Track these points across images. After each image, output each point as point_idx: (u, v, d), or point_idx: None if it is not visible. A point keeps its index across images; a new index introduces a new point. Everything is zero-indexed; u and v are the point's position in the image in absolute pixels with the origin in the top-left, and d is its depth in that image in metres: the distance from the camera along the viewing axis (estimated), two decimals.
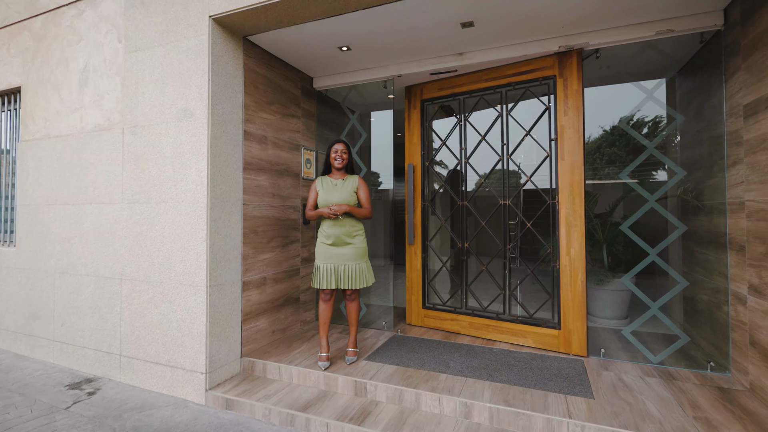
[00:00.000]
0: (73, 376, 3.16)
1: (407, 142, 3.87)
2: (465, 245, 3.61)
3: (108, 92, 3.13)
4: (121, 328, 3.06)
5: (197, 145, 2.76)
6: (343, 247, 2.94)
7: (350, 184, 3.01)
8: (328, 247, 2.94)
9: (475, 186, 3.63)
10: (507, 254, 3.39)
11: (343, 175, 3.05)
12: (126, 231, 3.04)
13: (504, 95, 3.41)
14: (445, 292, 3.83)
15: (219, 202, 2.82)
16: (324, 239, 2.96)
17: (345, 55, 3.39)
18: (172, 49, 2.87)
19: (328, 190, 2.98)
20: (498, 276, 3.48)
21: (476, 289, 3.65)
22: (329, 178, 3.03)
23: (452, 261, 3.83)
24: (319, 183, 3.02)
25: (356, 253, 2.97)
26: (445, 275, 3.90)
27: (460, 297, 3.66)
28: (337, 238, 2.94)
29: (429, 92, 3.77)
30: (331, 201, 2.95)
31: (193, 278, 2.77)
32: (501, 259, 3.44)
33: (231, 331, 2.94)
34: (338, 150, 2.99)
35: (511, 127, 3.38)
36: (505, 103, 3.40)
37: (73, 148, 3.30)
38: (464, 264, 3.62)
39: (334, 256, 2.93)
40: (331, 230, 2.95)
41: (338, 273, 2.92)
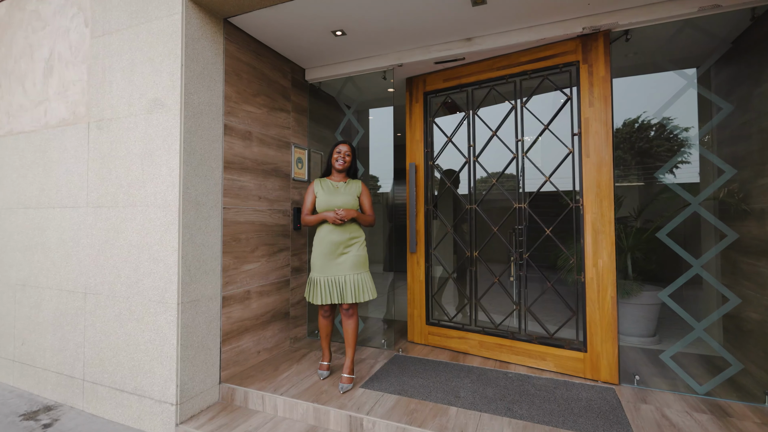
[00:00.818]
0: (32, 403, 2.78)
1: (408, 139, 3.49)
2: (474, 254, 3.22)
3: (74, 82, 2.79)
4: (84, 349, 2.69)
5: (168, 141, 2.40)
6: (343, 257, 2.63)
7: (353, 188, 2.73)
8: (326, 256, 2.61)
9: (476, 187, 3.25)
10: (524, 265, 3.00)
11: (344, 178, 2.78)
12: (91, 238, 2.68)
13: (518, 85, 3.04)
14: (452, 307, 3.44)
15: (193, 206, 2.45)
16: (321, 248, 2.63)
17: (339, 42, 3.03)
18: (142, 31, 2.52)
19: (329, 192, 2.68)
20: (512, 289, 3.09)
21: (487, 304, 3.26)
22: (329, 181, 2.75)
23: (459, 272, 3.44)
24: (317, 185, 2.72)
25: (357, 261, 2.63)
26: (451, 288, 3.51)
27: (468, 312, 3.27)
28: (337, 246, 2.62)
29: (433, 83, 3.40)
30: (333, 204, 2.63)
31: (162, 294, 2.40)
32: (515, 269, 3.05)
33: (208, 353, 2.56)
34: (342, 151, 2.74)
35: (527, 121, 3.01)
36: (520, 95, 3.03)
37: (36, 145, 2.96)
38: (473, 275, 3.23)
39: (334, 267, 2.61)
40: (331, 237, 2.62)
41: (338, 285, 2.59)
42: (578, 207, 2.77)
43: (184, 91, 2.38)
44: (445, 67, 3.30)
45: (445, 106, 3.66)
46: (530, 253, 3.00)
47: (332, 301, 2.59)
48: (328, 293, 2.58)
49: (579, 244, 2.76)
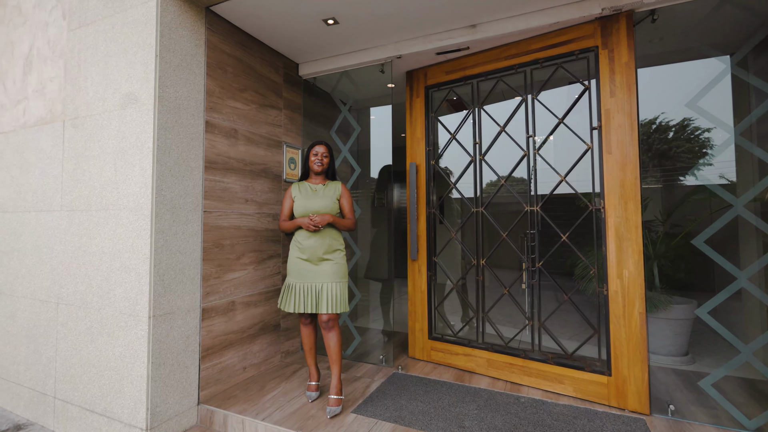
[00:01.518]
0: (2, 421, 2.59)
1: (409, 137, 3.23)
2: (481, 262, 2.92)
3: (51, 79, 2.63)
4: (56, 364, 2.49)
5: (142, 138, 2.20)
6: (321, 264, 2.44)
7: (332, 190, 2.55)
8: (303, 262, 2.44)
9: (483, 189, 2.96)
10: (537, 273, 2.68)
11: (323, 180, 2.61)
12: (64, 244, 2.49)
13: (529, 75, 2.75)
14: (457, 320, 3.14)
15: (169, 209, 2.23)
16: (298, 253, 2.46)
17: (332, 32, 2.80)
18: (118, 21, 2.34)
19: (306, 196, 2.51)
20: (524, 301, 2.78)
21: (496, 317, 2.95)
22: (307, 184, 2.58)
23: (464, 281, 3.14)
24: (295, 189, 2.58)
25: (336, 271, 2.44)
26: (456, 299, 3.21)
27: (475, 327, 2.96)
28: (315, 252, 2.43)
29: (435, 76, 3.14)
30: (310, 209, 2.45)
31: (133, 305, 2.18)
32: (527, 277, 2.74)
33: (184, 372, 2.32)
34: (319, 152, 2.59)
35: (539, 116, 2.71)
36: (531, 86, 2.74)
37: (14, 146, 2.81)
38: (480, 285, 2.93)
39: (311, 274, 2.42)
40: (308, 243, 2.44)
41: (314, 294, 2.40)
42: (599, 210, 2.45)
43: (158, 84, 2.18)
44: (447, 58, 3.03)
45: (449, 104, 3.40)
46: (544, 261, 2.69)
47: (306, 310, 2.39)
48: (303, 301, 2.40)
49: (600, 251, 2.44)
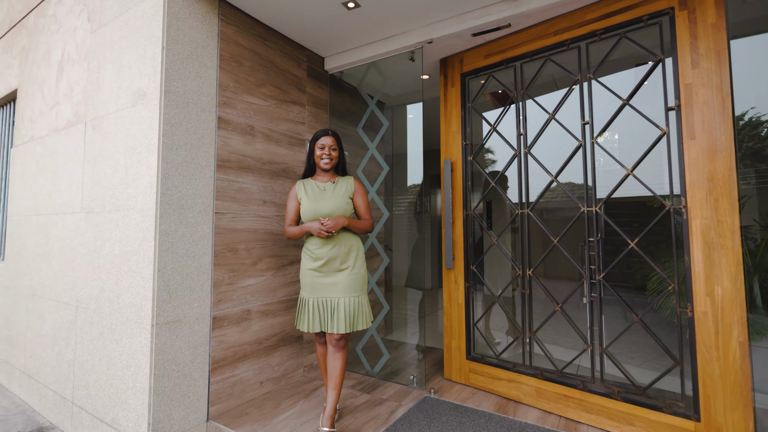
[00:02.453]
0: (28, 423, 2.60)
1: (443, 130, 2.89)
2: (528, 272, 2.50)
3: (77, 82, 2.63)
4: (74, 369, 2.45)
5: (149, 135, 2.09)
6: (337, 274, 2.15)
7: (343, 188, 2.23)
8: (316, 274, 2.16)
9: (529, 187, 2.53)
10: (598, 287, 2.22)
11: (332, 176, 2.29)
12: (83, 247, 2.45)
13: (584, 51, 2.32)
14: (500, 339, 2.72)
15: (175, 210, 2.09)
16: (310, 263, 2.19)
17: (355, 18, 2.56)
18: (131, 17, 2.27)
19: (314, 197, 2.20)
20: (580, 320, 2.32)
21: (549, 336, 2.50)
22: (314, 182, 2.28)
23: (509, 294, 2.72)
24: (300, 188, 2.28)
25: (354, 281, 2.14)
26: (499, 314, 2.80)
27: (521, 348, 2.53)
28: (329, 262, 2.15)
29: (471, 62, 2.78)
30: (320, 211, 2.16)
31: (138, 312, 2.06)
32: (587, 291, 2.28)
33: (192, 385, 2.15)
34: (326, 145, 2.24)
35: (597, 97, 2.27)
36: (587, 63, 2.30)
37: (48, 149, 2.86)
38: (527, 300, 2.50)
39: (326, 287, 2.14)
40: (321, 251, 2.16)
41: (329, 310, 2.11)
42: (678, 210, 1.96)
43: (164, 77, 2.06)
44: (485, 40, 2.67)
45: (493, 97, 3.02)
46: (607, 272, 2.22)
47: (321, 329, 2.13)
48: (318, 318, 2.13)
49: (681, 262, 1.95)
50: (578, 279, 2.32)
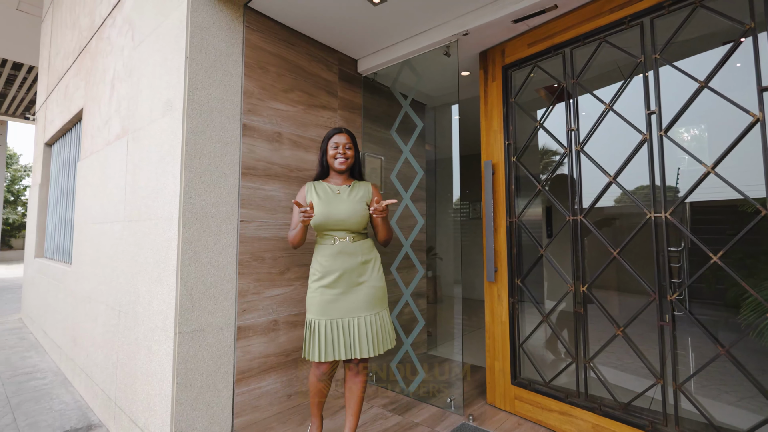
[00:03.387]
0: (81, 419, 2.79)
1: (483, 129, 2.66)
2: (581, 288, 2.18)
3: (124, 97, 2.80)
4: (117, 371, 2.58)
5: (174, 144, 2.13)
6: (355, 290, 1.94)
7: (360, 192, 2.05)
8: (330, 292, 1.93)
9: (582, 189, 2.21)
10: (670, 310, 1.87)
11: (347, 179, 2.13)
12: (124, 254, 2.58)
13: (648, 29, 1.98)
14: (550, 364, 2.42)
15: (198, 219, 2.11)
16: (322, 280, 1.95)
17: (383, 14, 2.44)
18: (162, 31, 2.35)
19: (328, 200, 2.01)
20: (648, 346, 1.97)
21: (605, 365, 2.17)
22: (326, 184, 2.09)
23: (559, 313, 2.41)
24: (310, 190, 2.07)
25: (373, 296, 1.96)
26: (548, 335, 2.49)
27: (575, 375, 2.22)
28: (346, 275, 1.94)
29: (514, 52, 2.53)
30: (336, 216, 1.98)
31: (164, 320, 2.10)
32: (652, 314, 1.93)
33: (215, 395, 2.15)
34: (340, 144, 2.06)
35: (666, 82, 1.92)
36: (652, 42, 1.97)
37: (101, 162, 3.08)
38: (581, 320, 2.19)
39: (342, 305, 1.92)
40: (336, 263, 1.95)
41: (348, 333, 1.90)
42: None
43: (187, 87, 2.09)
44: (529, 26, 2.41)
45: (548, 92, 2.73)
46: (688, 289, 1.85)
47: (338, 357, 1.88)
48: (334, 345, 1.87)
49: None
50: (636, 296, 1.97)
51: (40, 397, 3.12)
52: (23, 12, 6.96)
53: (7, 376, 3.52)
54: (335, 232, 1.99)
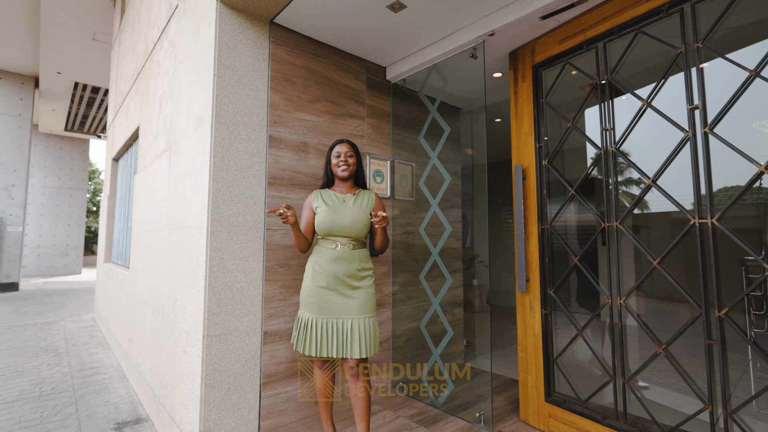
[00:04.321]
0: (131, 413, 3.03)
1: (514, 132, 2.57)
2: (619, 301, 2.03)
3: (168, 115, 3.05)
4: (160, 369, 2.78)
5: (203, 157, 2.28)
6: (349, 293, 2.04)
7: (364, 201, 2.17)
8: (325, 292, 2.05)
9: (617, 193, 2.05)
10: (718, 327, 1.69)
11: (351, 188, 2.25)
12: (167, 260, 2.79)
13: (688, 15, 1.82)
14: (586, 381, 2.26)
15: (225, 227, 2.23)
16: (318, 280, 2.07)
17: (405, 20, 2.45)
18: (196, 51, 2.53)
19: (333, 207, 2.12)
20: (695, 367, 1.79)
21: (649, 380, 2.00)
22: (332, 192, 2.21)
23: (595, 327, 2.25)
24: (316, 197, 2.19)
25: (367, 302, 2.05)
26: (584, 350, 2.33)
27: (613, 395, 2.06)
28: (342, 279, 2.05)
29: (544, 50, 2.43)
30: (338, 223, 2.08)
31: (195, 323, 2.24)
32: (698, 332, 1.75)
33: (242, 397, 2.25)
34: (341, 153, 2.19)
35: (711, 74, 1.75)
36: (694, 30, 1.80)
37: (151, 175, 3.36)
38: (619, 335, 2.03)
39: (335, 307, 2.03)
40: (334, 267, 2.06)
41: (341, 333, 2.00)
42: None
43: (215, 103, 2.23)
44: (559, 22, 2.30)
45: (597, 90, 2.59)
46: (733, 305, 1.67)
47: (329, 354, 2.00)
48: (326, 342, 2.00)
49: None
50: (685, 313, 1.79)
51: (100, 390, 3.44)
52: (98, 41, 7.81)
53: (76, 369, 3.92)
54: (338, 238, 2.09)
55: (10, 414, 2.82)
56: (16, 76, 9.90)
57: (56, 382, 3.49)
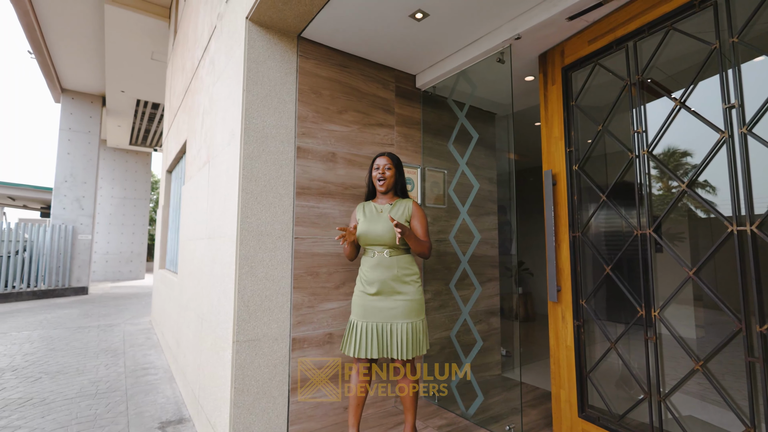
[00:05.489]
0: (175, 413, 3.28)
1: (544, 136, 2.53)
2: (653, 313, 1.95)
3: (209, 129, 3.30)
4: (200, 372, 2.99)
5: (234, 169, 2.46)
6: (391, 298, 2.19)
7: (400, 210, 2.31)
8: (369, 298, 2.22)
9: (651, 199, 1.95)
10: (761, 340, 1.59)
11: (390, 198, 2.42)
12: (206, 267, 3.01)
13: (722, 8, 1.74)
14: (622, 395, 2.17)
15: (254, 236, 2.39)
16: (362, 286, 2.29)
17: (429, 29, 2.51)
18: (229, 68, 2.74)
19: (370, 218, 2.31)
20: (737, 388, 1.68)
21: (690, 394, 1.89)
22: (373, 204, 2.42)
23: (627, 340, 2.16)
24: (359, 210, 2.43)
25: (409, 307, 2.17)
26: (618, 364, 2.24)
27: (648, 412, 1.97)
28: (383, 285, 2.20)
29: (574, 51, 2.38)
30: (373, 233, 2.25)
31: (226, 329, 2.41)
32: (741, 348, 1.64)
33: (271, 402, 2.39)
34: (380, 165, 2.37)
35: (748, 71, 1.66)
36: (729, 24, 1.72)
37: (195, 186, 3.64)
38: (653, 349, 1.94)
39: (378, 312, 2.19)
40: (374, 274, 2.23)
41: (382, 335, 2.16)
42: None
43: (244, 116, 2.41)
44: (588, 22, 2.25)
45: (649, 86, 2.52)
46: None
47: (369, 355, 2.15)
48: (368, 345, 2.16)
49: None
50: (725, 326, 1.68)
51: (149, 390, 3.75)
52: (156, 60, 8.53)
53: (130, 370, 4.29)
54: (375, 247, 2.28)
55: (69, 410, 3.15)
56: (85, 95, 11.02)
57: (111, 381, 3.84)
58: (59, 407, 3.20)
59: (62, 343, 5.31)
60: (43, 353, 4.76)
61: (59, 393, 3.51)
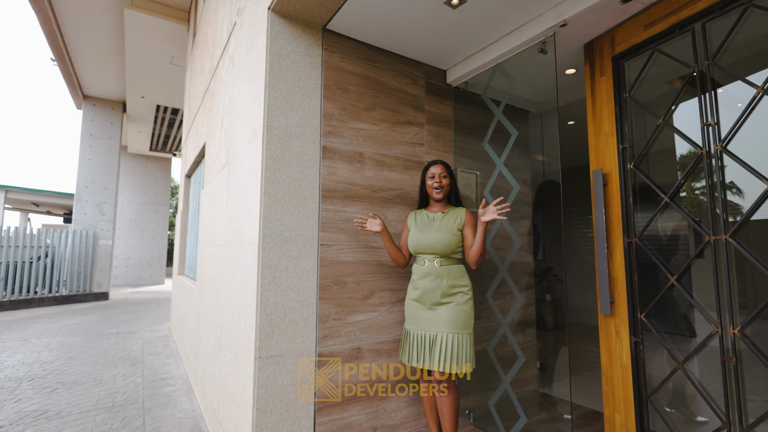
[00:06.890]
0: (194, 428, 3.14)
1: (591, 133, 2.32)
2: (732, 331, 1.71)
3: (228, 130, 3.18)
4: (219, 386, 2.85)
5: (256, 171, 2.31)
6: (437, 308, 2.17)
7: (452, 219, 2.30)
8: (417, 305, 2.27)
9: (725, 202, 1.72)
10: None
11: (443, 207, 2.41)
12: (226, 275, 2.88)
13: None
14: (691, 421, 1.93)
15: (278, 243, 2.23)
16: (412, 294, 2.32)
17: (465, 17, 2.32)
18: (250, 64, 2.60)
19: (421, 227, 2.34)
20: None
21: None
22: (425, 212, 2.42)
23: (698, 361, 1.92)
24: (411, 218, 2.44)
25: (454, 318, 2.11)
26: (685, 386, 2.00)
27: None
28: (429, 293, 2.23)
29: (627, 38, 2.17)
30: (423, 243, 2.25)
31: (247, 343, 2.25)
32: None
33: (296, 424, 2.21)
34: (436, 174, 2.37)
35: None
36: None
37: (214, 190, 3.52)
38: (732, 371, 1.70)
39: (425, 320, 2.22)
40: (423, 282, 2.26)
41: (427, 344, 2.14)
42: None
43: (266, 114, 2.26)
44: (645, 5, 2.04)
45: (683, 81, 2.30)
46: None
47: (417, 363, 2.18)
48: (416, 353, 2.19)
49: None
50: None
51: (167, 403, 3.62)
52: (175, 65, 8.56)
53: (148, 380, 4.19)
54: (425, 255, 2.29)
55: (84, 424, 3.04)
56: (106, 102, 11.18)
57: (129, 393, 3.74)
58: (74, 421, 3.10)
59: (81, 350, 5.27)
60: (61, 362, 4.71)
61: (75, 405, 3.41)
